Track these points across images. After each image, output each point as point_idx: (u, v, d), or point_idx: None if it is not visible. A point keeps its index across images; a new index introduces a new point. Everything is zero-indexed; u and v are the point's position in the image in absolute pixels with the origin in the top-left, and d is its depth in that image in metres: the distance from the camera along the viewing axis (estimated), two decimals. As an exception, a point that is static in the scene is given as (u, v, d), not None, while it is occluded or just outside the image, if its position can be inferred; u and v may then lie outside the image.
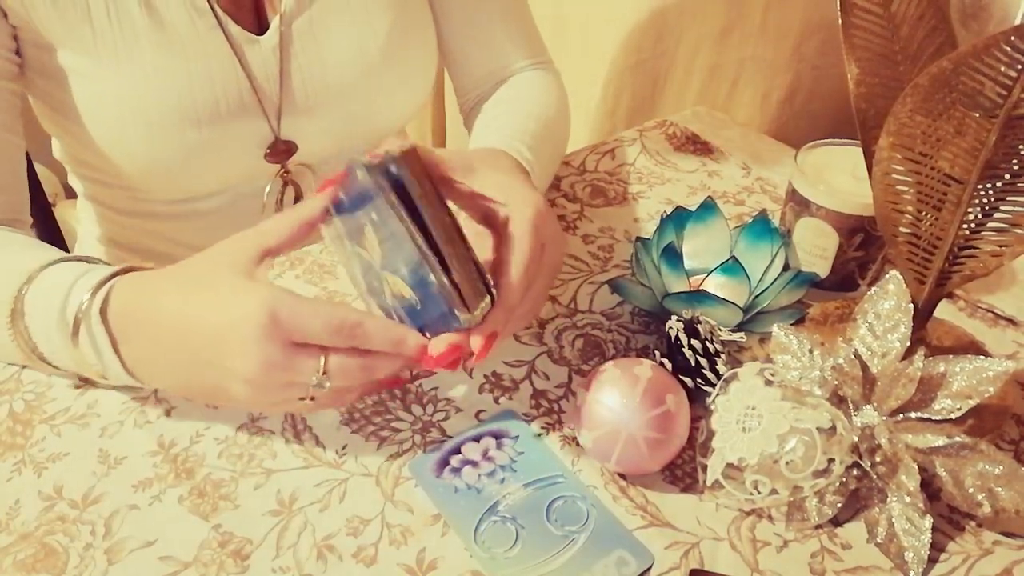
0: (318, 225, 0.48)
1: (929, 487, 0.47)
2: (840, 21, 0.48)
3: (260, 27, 0.65)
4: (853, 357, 0.49)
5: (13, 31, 0.59)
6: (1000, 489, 0.45)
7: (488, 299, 0.45)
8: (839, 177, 0.60)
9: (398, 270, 0.45)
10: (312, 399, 0.46)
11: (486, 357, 0.46)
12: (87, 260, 0.53)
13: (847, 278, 0.62)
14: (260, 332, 0.42)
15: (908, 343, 0.49)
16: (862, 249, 0.60)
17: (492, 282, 0.46)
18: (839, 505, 0.48)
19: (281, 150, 0.68)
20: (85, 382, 0.55)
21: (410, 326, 0.47)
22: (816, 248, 0.61)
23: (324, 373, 0.44)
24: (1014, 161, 0.43)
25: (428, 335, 0.46)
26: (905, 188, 0.48)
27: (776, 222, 0.64)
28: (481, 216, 0.50)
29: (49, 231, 0.88)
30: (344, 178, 0.46)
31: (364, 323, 0.44)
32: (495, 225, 0.49)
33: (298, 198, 0.73)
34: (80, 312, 0.48)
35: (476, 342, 0.45)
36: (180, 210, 0.71)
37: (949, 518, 0.49)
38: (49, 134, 0.70)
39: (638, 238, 0.61)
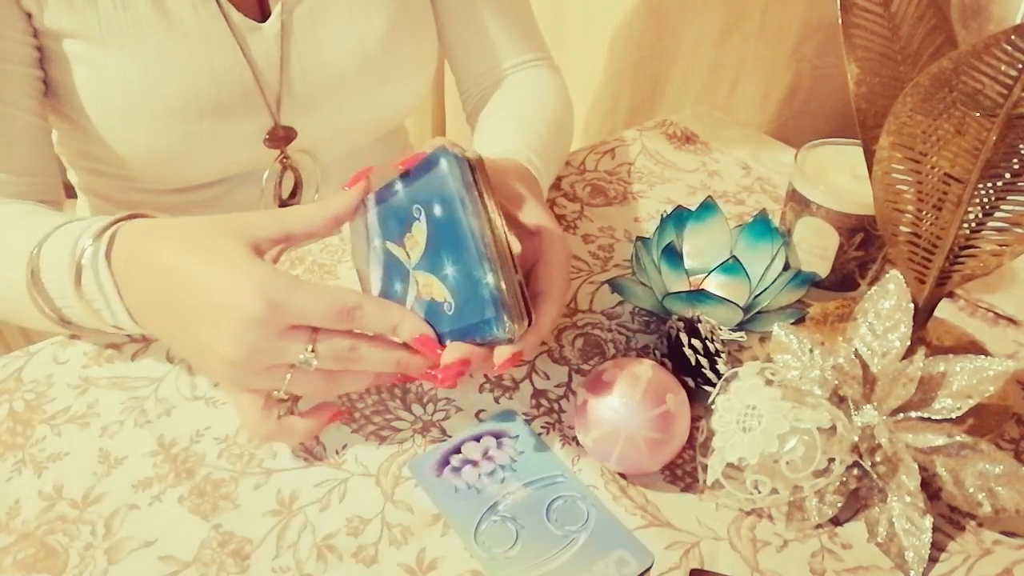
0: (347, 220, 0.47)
1: (929, 487, 0.47)
2: (840, 21, 0.48)
3: (262, 15, 0.66)
4: (853, 357, 0.49)
5: (29, 19, 0.59)
6: (1000, 489, 0.45)
7: (527, 321, 0.45)
8: (839, 177, 0.60)
9: (441, 270, 0.44)
10: (287, 400, 0.46)
11: (499, 373, 0.46)
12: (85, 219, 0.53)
13: (847, 278, 0.62)
14: (254, 320, 0.42)
15: (908, 343, 0.49)
16: (862, 249, 0.60)
17: (531, 307, 0.46)
18: (839, 505, 0.48)
19: (280, 136, 0.68)
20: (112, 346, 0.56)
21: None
22: (816, 248, 0.61)
23: (312, 351, 0.43)
24: (1014, 160, 0.43)
25: (446, 342, 0.46)
26: (905, 188, 0.48)
27: (776, 222, 0.64)
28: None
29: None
30: (414, 165, 0.45)
31: (363, 305, 0.44)
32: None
33: (297, 184, 0.73)
34: (84, 258, 0.48)
35: (503, 354, 0.45)
36: (177, 200, 0.71)
37: (949, 518, 0.49)
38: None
39: (638, 238, 0.61)
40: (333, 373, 0.45)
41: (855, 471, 0.48)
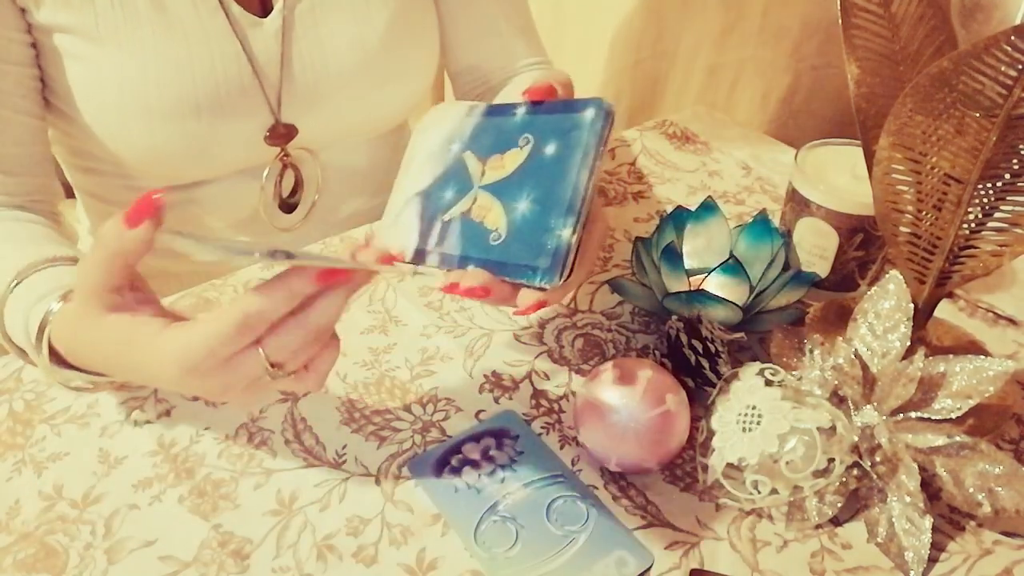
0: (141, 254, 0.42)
1: (929, 487, 0.47)
2: (840, 21, 0.48)
3: (263, 11, 0.65)
4: (853, 357, 0.49)
5: (23, 14, 0.59)
6: (1000, 489, 0.45)
7: (567, 277, 0.43)
8: (839, 177, 0.60)
9: (514, 201, 0.43)
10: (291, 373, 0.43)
11: (523, 314, 0.44)
12: (53, 263, 0.53)
13: (847, 278, 0.62)
14: (189, 384, 0.40)
15: (908, 343, 0.49)
16: (862, 249, 0.60)
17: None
18: (839, 505, 0.48)
19: (281, 133, 0.68)
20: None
21: (455, 251, 0.45)
22: (816, 248, 0.61)
23: (273, 366, 0.41)
24: (1014, 161, 0.43)
25: (469, 265, 0.44)
26: (905, 188, 0.48)
27: (776, 222, 0.64)
28: None
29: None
30: (558, 101, 0.45)
31: (252, 308, 0.39)
32: None
33: (297, 182, 0.73)
34: (38, 335, 0.48)
35: (528, 298, 0.43)
36: (176, 198, 0.71)
37: (949, 518, 0.49)
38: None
39: (638, 238, 0.61)
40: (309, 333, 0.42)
41: (855, 471, 0.48)
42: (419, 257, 0.47)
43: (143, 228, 0.40)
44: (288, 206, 0.74)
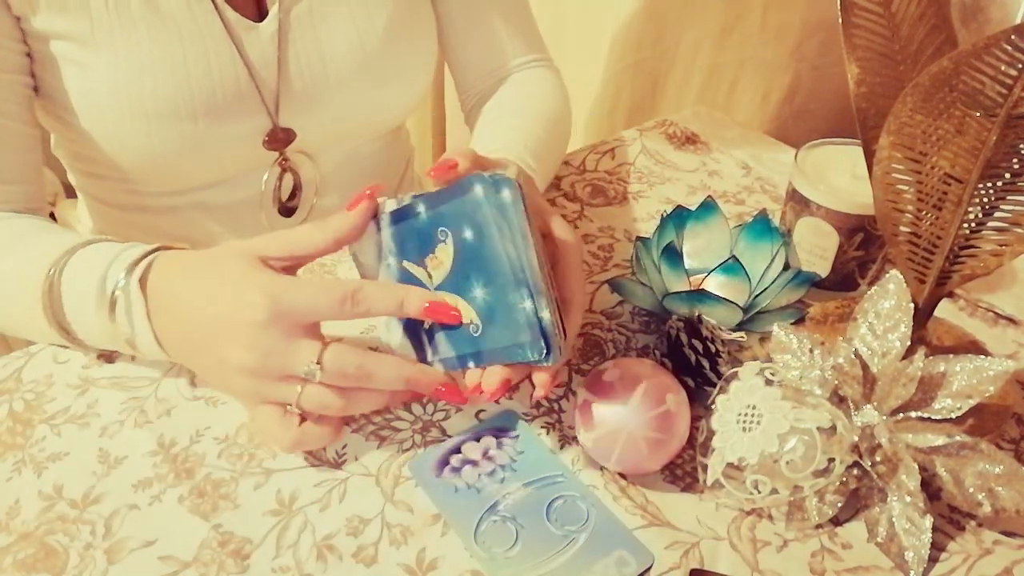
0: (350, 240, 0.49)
1: (929, 487, 0.47)
2: (840, 21, 0.48)
3: (259, 15, 0.65)
4: (853, 356, 0.49)
5: (18, 22, 0.59)
6: (1000, 489, 0.45)
7: (563, 338, 0.46)
8: (839, 177, 0.60)
9: (469, 292, 0.46)
10: (303, 412, 0.47)
11: (545, 396, 0.47)
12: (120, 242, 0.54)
13: (847, 278, 0.62)
14: (261, 322, 0.44)
15: (908, 342, 0.49)
16: (862, 249, 0.60)
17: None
18: (839, 505, 0.48)
19: (279, 138, 0.68)
20: (104, 355, 0.57)
21: (450, 352, 0.48)
22: (816, 248, 0.61)
23: (318, 363, 0.45)
24: (1014, 160, 0.43)
25: (471, 364, 0.47)
26: (905, 187, 0.48)
27: (776, 222, 0.64)
28: None
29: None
30: (448, 187, 0.46)
31: (363, 287, 0.45)
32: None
33: (296, 186, 0.73)
34: (118, 288, 0.49)
35: (543, 379, 0.47)
36: (175, 202, 0.71)
37: (949, 518, 0.49)
38: (47, 129, 0.70)
39: (638, 238, 0.61)
40: (343, 390, 0.47)
41: (855, 471, 0.48)
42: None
43: (358, 210, 0.48)
44: (287, 209, 0.74)
